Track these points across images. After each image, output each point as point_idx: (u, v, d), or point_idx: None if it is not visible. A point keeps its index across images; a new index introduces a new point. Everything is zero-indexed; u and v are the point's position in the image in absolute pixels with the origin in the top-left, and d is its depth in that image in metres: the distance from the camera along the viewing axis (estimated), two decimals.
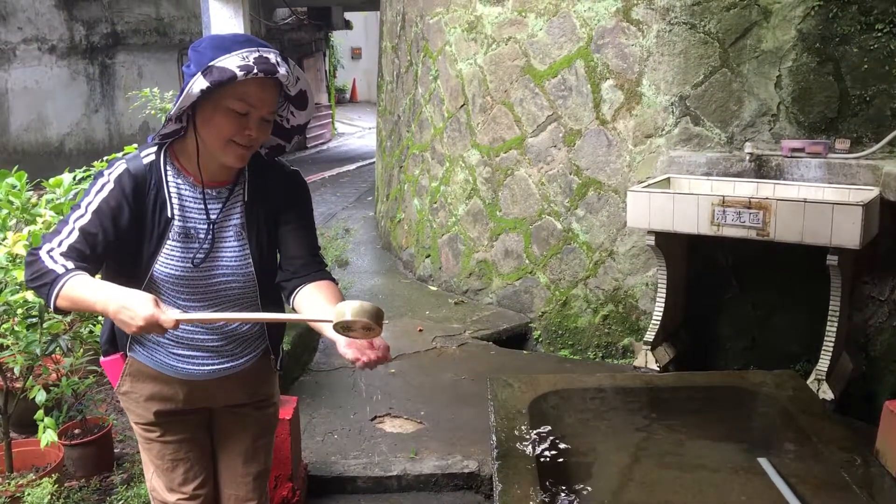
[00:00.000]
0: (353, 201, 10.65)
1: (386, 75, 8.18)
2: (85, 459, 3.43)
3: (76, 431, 3.44)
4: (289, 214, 2.09)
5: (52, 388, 3.12)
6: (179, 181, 1.97)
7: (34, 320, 2.81)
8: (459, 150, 5.97)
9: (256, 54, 1.80)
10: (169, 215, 1.94)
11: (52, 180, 3.30)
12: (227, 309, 2.04)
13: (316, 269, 2.06)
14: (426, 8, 6.32)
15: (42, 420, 2.88)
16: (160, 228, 1.93)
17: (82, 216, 1.88)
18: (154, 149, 1.96)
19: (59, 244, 1.85)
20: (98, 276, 1.93)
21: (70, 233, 1.87)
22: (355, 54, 25.58)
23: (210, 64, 1.78)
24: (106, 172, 1.92)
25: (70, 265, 1.82)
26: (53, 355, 3.02)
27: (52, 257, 1.84)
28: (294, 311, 2.03)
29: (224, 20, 3.07)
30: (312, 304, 1.95)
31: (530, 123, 5.35)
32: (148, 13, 13.08)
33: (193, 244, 1.97)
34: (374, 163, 11.03)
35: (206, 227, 1.98)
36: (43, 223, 2.91)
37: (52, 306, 1.83)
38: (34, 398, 2.89)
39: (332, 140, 18.80)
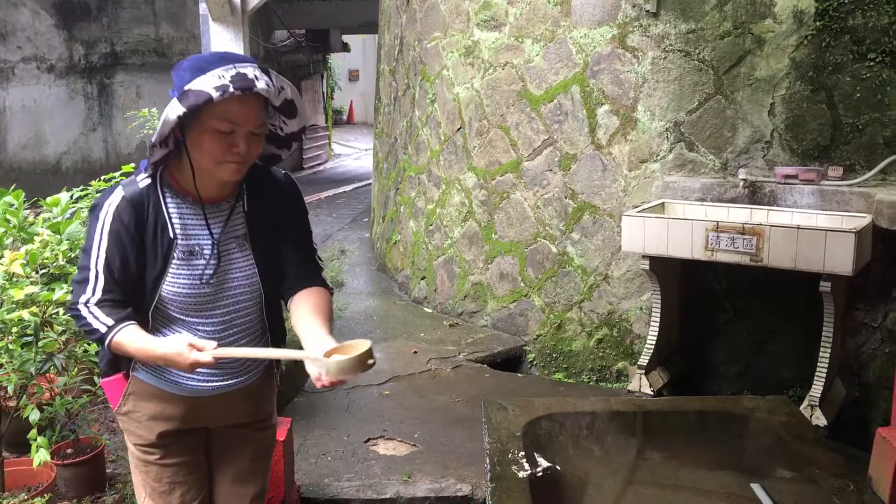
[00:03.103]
0: (349, 222, 10.66)
1: (383, 98, 8.24)
2: (77, 479, 3.41)
3: (69, 451, 3.43)
4: (287, 220, 2.12)
5: (45, 407, 3.10)
6: (179, 200, 1.98)
7: (29, 339, 2.81)
8: (456, 172, 6.00)
9: (233, 71, 1.80)
10: (171, 236, 1.95)
11: (49, 199, 3.31)
12: (235, 322, 2.06)
13: (311, 276, 2.13)
14: (424, 32, 6.38)
15: (35, 439, 2.87)
16: (164, 250, 1.95)
17: (98, 257, 1.93)
18: (150, 172, 1.97)
19: (93, 293, 1.93)
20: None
21: (96, 278, 1.93)
22: (353, 76, 25.74)
23: (186, 88, 1.79)
24: (105, 204, 1.93)
25: (110, 321, 1.91)
26: (48, 374, 3.02)
27: (91, 313, 1.92)
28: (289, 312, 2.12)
29: (225, 43, 3.09)
30: (298, 315, 2.03)
31: (526, 147, 5.39)
32: (147, 34, 13.15)
33: (199, 262, 1.98)
34: (370, 184, 11.06)
35: (210, 243, 1.99)
36: (40, 242, 2.92)
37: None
38: (27, 417, 2.88)
39: (328, 161, 18.85)
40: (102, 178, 3.94)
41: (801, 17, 4.34)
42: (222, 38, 3.36)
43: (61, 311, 2.91)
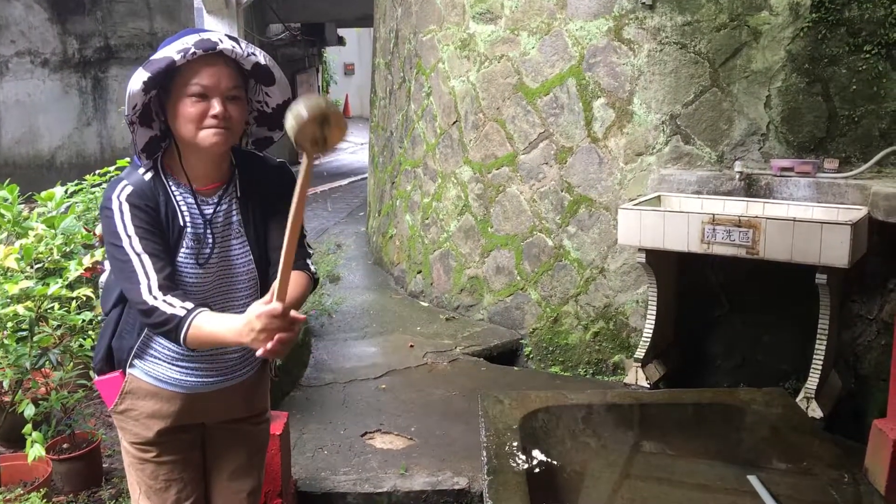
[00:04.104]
0: (344, 216, 10.64)
1: (379, 91, 8.22)
2: (73, 474, 3.40)
3: (65, 446, 3.42)
4: (279, 205, 2.08)
5: (40, 402, 3.10)
6: (181, 189, 1.99)
7: (24, 334, 2.80)
8: (451, 166, 5.99)
9: (197, 38, 1.84)
10: (182, 223, 1.96)
11: (43, 193, 3.31)
12: (233, 312, 2.03)
13: (296, 259, 2.06)
14: (419, 25, 6.36)
15: (30, 434, 2.87)
16: (175, 238, 1.95)
17: (131, 241, 1.87)
18: (149, 164, 1.97)
19: (147, 276, 1.86)
20: None
21: (140, 260, 1.86)
22: (348, 70, 25.65)
23: (150, 58, 1.82)
24: (113, 197, 1.90)
25: (188, 304, 1.84)
26: (43, 369, 3.01)
27: (166, 300, 1.84)
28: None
29: None
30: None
31: (522, 140, 5.38)
32: (141, 27, 13.11)
33: (203, 249, 1.99)
34: (366, 178, 11.04)
35: (202, 229, 1.99)
36: (35, 236, 2.91)
37: (182, 346, 1.88)
38: (23, 412, 2.88)
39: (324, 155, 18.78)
40: (97, 172, 3.94)
41: (797, 8, 4.34)
42: (217, 30, 3.35)
43: (56, 305, 2.90)
